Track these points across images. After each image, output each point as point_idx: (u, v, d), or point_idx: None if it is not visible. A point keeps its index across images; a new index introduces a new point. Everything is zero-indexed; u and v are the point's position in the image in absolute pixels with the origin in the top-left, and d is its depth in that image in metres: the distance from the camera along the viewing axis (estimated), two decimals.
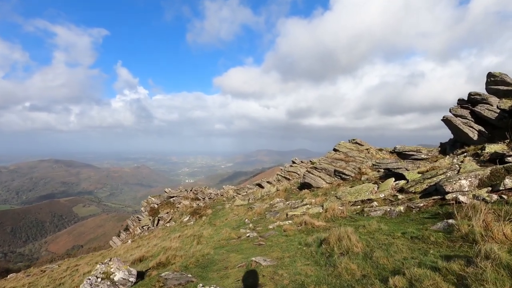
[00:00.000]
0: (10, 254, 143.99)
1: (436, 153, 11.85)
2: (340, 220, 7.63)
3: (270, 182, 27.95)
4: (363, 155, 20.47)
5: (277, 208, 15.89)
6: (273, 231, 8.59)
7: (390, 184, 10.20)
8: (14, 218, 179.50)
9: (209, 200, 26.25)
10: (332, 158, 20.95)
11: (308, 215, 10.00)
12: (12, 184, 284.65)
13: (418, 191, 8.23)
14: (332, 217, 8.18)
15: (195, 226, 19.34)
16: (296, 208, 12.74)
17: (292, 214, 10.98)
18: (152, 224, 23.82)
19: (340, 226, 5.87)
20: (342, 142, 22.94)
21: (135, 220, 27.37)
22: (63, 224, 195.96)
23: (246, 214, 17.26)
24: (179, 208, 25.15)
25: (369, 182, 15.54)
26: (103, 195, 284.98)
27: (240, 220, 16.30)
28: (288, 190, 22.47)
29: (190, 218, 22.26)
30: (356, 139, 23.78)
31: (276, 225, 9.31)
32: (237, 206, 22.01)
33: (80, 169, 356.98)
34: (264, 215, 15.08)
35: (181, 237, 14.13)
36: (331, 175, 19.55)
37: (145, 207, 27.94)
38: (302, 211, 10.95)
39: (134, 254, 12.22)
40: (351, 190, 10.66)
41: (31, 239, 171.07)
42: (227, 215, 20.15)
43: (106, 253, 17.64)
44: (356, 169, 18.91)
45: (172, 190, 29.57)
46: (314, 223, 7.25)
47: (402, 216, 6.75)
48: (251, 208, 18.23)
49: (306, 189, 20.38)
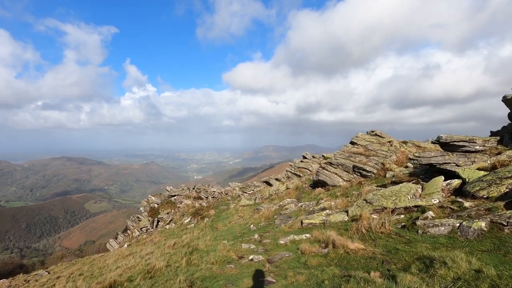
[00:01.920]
0: (25, 250, 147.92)
1: (494, 143, 9.31)
2: (383, 239, 5.26)
3: (279, 179, 25.61)
4: (386, 148, 17.83)
5: (288, 211, 13.58)
6: (286, 251, 6.29)
7: (439, 184, 7.70)
8: (29, 215, 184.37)
9: (213, 199, 24.20)
10: (350, 152, 18.39)
11: (332, 226, 7.64)
12: (27, 181, 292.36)
13: (494, 195, 5.74)
14: (369, 232, 5.81)
15: (195, 230, 17.28)
16: (312, 213, 10.38)
17: (308, 223, 8.66)
18: (151, 225, 22.00)
19: (393, 254, 3.45)
20: (360, 134, 20.30)
21: (135, 220, 25.68)
22: (75, 220, 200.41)
23: (252, 217, 15.05)
24: (180, 208, 23.23)
25: (397, 180, 13.01)
26: (113, 192, 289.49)
27: (245, 225, 14.10)
28: (299, 189, 20.10)
29: (191, 219, 20.25)
30: (375, 130, 21.08)
31: (290, 241, 7.00)
32: (243, 206, 19.83)
33: (91, 166, 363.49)
34: (273, 219, 12.81)
35: (176, 245, 12.07)
36: (349, 171, 17.05)
37: (145, 207, 26.16)
38: (322, 218, 8.60)
39: (118, 268, 10.25)
40: (386, 192, 8.21)
41: (45, 235, 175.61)
42: (231, 217, 18.00)
43: (97, 260, 15.86)
44: (379, 164, 16.34)
45: (174, 189, 27.70)
46: (348, 245, 4.89)
47: (488, 237, 4.34)
48: (258, 210, 16.00)
49: (320, 187, 17.96)
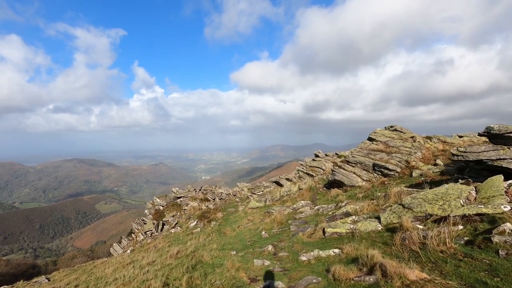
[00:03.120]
0: (39, 250, 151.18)
1: None
2: (450, 263, 3.83)
3: (289, 179, 24.17)
4: (409, 144, 16.15)
5: (303, 215, 12.18)
6: (311, 272, 4.91)
7: (499, 185, 6.17)
8: (42, 216, 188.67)
9: (220, 201, 22.96)
10: (368, 149, 16.80)
11: (363, 237, 6.20)
12: (39, 183, 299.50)
13: None
14: (423, 249, 4.38)
15: (202, 235, 16.06)
16: (334, 218, 8.94)
17: (332, 232, 7.25)
18: (155, 229, 20.95)
19: None
20: (378, 129, 18.65)
21: (140, 223, 24.72)
22: (86, 220, 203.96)
23: (262, 222, 13.71)
24: (186, 211, 22.09)
25: (427, 179, 11.42)
26: (123, 193, 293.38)
27: (256, 230, 12.78)
28: (313, 189, 18.63)
29: (197, 223, 19.06)
30: (395, 125, 19.38)
31: (314, 257, 5.61)
32: (252, 208, 18.51)
33: (101, 168, 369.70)
34: (287, 224, 11.44)
35: (180, 253, 10.85)
36: (369, 170, 15.48)
37: (150, 209, 25.16)
38: (348, 227, 7.17)
39: (115, 280, 9.11)
40: (428, 195, 6.72)
41: (58, 235, 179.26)
42: (240, 220, 16.70)
43: (98, 268, 14.84)
44: (403, 162, 14.73)
45: (180, 190, 26.59)
46: (406, 275, 3.48)
47: None
48: (269, 213, 14.64)
49: (336, 188, 16.46)
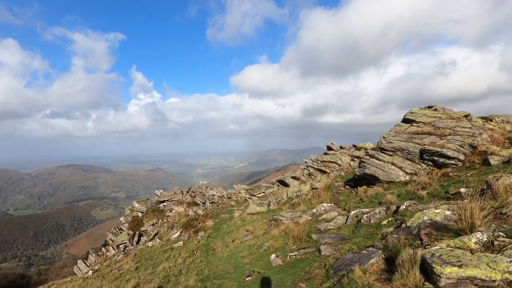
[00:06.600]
0: (33, 258, 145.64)
1: None
2: None
3: (297, 178, 19.77)
4: (468, 124, 11.85)
5: (332, 225, 7.78)
6: None
7: None
8: (36, 223, 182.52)
9: (211, 205, 18.54)
10: (409, 133, 12.50)
11: None
12: (34, 189, 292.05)
13: None
14: None
15: (183, 252, 11.60)
16: (411, 233, 4.59)
17: (460, 278, 2.86)
18: (130, 241, 16.50)
19: None
20: (415, 109, 14.37)
21: (117, 232, 20.25)
22: (82, 227, 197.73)
23: (268, 234, 9.28)
24: (170, 218, 17.67)
25: None
26: (120, 199, 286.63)
27: (259, 249, 8.37)
28: (331, 188, 14.26)
29: (181, 233, 14.61)
30: (434, 105, 15.13)
31: None
32: (251, 214, 14.08)
33: (97, 174, 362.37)
34: (311, 241, 7.02)
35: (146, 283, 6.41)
36: (414, 160, 11.15)
37: (126, 217, 20.65)
38: (504, 266, 2.76)
39: None
40: None
41: (53, 243, 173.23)
42: (235, 231, 12.25)
43: None
44: (466, 146, 10.42)
45: (164, 192, 22.14)
46: None
47: None
48: (277, 222, 10.23)
49: (365, 185, 12.12)
